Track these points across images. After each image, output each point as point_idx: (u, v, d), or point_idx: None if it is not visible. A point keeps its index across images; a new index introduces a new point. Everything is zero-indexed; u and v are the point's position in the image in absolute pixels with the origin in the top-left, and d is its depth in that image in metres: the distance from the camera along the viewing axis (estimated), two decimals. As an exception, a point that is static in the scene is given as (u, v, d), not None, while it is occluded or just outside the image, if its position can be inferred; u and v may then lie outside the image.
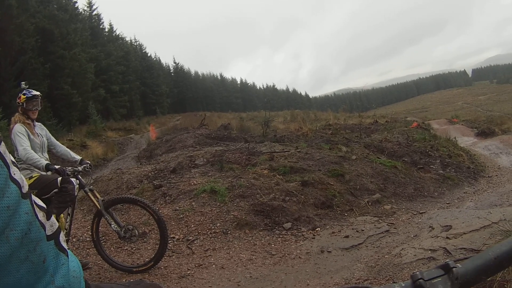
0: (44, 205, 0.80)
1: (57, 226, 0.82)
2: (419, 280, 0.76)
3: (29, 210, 0.72)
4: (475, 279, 0.79)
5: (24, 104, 5.28)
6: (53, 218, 0.83)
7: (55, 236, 0.79)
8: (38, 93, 5.35)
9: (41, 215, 0.76)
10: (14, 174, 0.70)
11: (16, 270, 0.71)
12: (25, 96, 5.28)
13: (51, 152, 5.77)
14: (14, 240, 0.69)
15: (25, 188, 0.72)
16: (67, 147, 5.95)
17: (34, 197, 0.77)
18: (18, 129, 5.06)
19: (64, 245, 0.84)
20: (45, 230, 0.76)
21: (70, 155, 5.75)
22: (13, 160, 0.73)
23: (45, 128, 5.69)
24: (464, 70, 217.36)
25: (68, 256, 0.84)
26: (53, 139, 5.73)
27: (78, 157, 5.76)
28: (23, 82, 5.42)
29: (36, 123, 5.52)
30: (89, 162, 5.73)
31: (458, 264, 0.79)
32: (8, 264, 0.70)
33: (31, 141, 5.16)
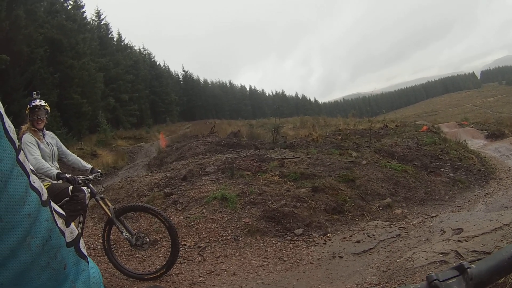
0: (63, 212, 0.82)
1: (76, 233, 0.83)
2: (435, 281, 0.77)
3: (49, 217, 0.73)
4: (489, 279, 0.80)
5: (29, 114, 5.32)
6: (72, 225, 0.85)
7: (75, 242, 0.80)
8: (41, 103, 5.32)
9: (60, 222, 0.78)
10: (34, 182, 0.71)
11: (38, 277, 0.73)
12: (29, 107, 5.32)
13: (62, 161, 5.79)
14: (36, 247, 0.70)
15: (45, 196, 0.74)
16: (77, 156, 5.98)
17: (53, 205, 0.79)
18: (28, 139, 5.08)
19: (84, 251, 0.85)
20: (64, 237, 0.77)
21: (81, 163, 5.77)
22: (32, 168, 0.75)
23: (56, 137, 5.71)
24: (473, 72, 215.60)
25: (88, 262, 0.85)
26: (64, 148, 5.76)
27: (89, 166, 5.79)
28: (34, 92, 5.45)
29: (47, 132, 5.55)
30: (100, 170, 5.75)
31: (473, 265, 0.79)
32: (30, 271, 0.71)
33: (41, 150, 5.18)
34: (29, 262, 0.71)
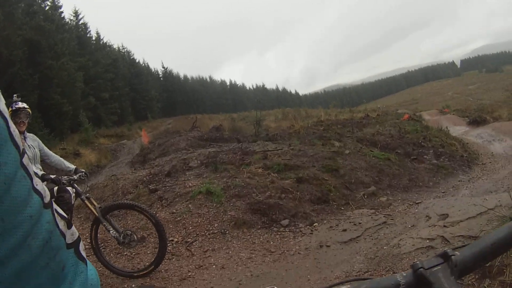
0: (65, 215, 0.83)
1: (77, 235, 0.85)
2: (420, 269, 0.79)
3: (50, 219, 0.75)
4: (473, 265, 0.83)
5: (10, 117, 5.26)
6: (73, 227, 0.87)
7: (75, 244, 0.82)
8: (22, 105, 5.27)
9: (61, 224, 0.80)
10: (37, 185, 0.73)
11: (36, 276, 0.75)
12: (11, 109, 5.26)
13: (45, 162, 5.74)
14: (36, 248, 0.72)
15: (47, 198, 0.76)
16: (61, 156, 5.92)
17: (55, 206, 0.81)
18: None
19: (84, 254, 0.87)
20: (65, 239, 0.79)
21: (64, 164, 5.72)
22: (36, 171, 0.76)
23: (37, 139, 5.65)
24: (453, 61, 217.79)
25: (87, 265, 0.87)
26: (46, 149, 5.70)
27: (73, 166, 5.74)
28: (15, 95, 5.40)
29: (28, 134, 5.49)
30: (84, 170, 5.70)
31: (457, 252, 0.82)
32: (29, 271, 0.73)
33: (22, 153, 5.13)
34: (28, 261, 0.73)
